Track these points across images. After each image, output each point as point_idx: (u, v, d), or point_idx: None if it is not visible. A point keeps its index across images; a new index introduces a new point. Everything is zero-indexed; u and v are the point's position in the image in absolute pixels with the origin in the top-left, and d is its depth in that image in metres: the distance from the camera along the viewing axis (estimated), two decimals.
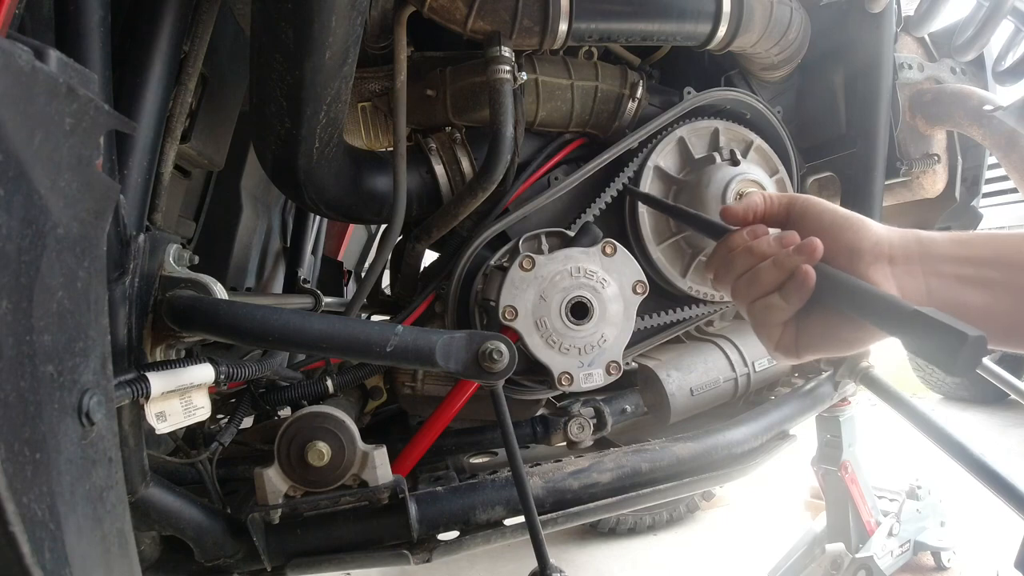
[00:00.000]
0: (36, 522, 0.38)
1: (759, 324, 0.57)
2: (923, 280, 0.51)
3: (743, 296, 0.57)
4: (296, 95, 0.83)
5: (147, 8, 0.79)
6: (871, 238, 0.53)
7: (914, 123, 1.42)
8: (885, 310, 0.46)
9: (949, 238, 0.52)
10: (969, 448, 1.45)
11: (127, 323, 0.75)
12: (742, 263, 0.57)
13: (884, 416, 2.30)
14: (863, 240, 0.53)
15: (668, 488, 1.09)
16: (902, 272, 0.52)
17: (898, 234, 0.53)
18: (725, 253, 0.59)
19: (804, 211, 0.58)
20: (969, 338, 0.40)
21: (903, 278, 0.51)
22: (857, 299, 0.49)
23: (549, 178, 1.26)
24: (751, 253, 0.56)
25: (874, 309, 0.48)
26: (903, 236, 0.53)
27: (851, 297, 0.50)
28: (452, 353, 0.83)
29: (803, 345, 0.55)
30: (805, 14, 1.30)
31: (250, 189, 1.51)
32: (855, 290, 0.50)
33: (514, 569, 2.27)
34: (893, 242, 0.53)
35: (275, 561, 0.92)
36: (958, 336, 0.40)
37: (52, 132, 0.40)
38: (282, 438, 0.88)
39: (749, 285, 0.56)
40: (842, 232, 0.54)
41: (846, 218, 0.55)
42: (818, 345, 0.54)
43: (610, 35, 1.14)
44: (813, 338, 0.54)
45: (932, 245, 0.52)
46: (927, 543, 1.97)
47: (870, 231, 0.53)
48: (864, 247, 0.53)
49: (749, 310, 0.57)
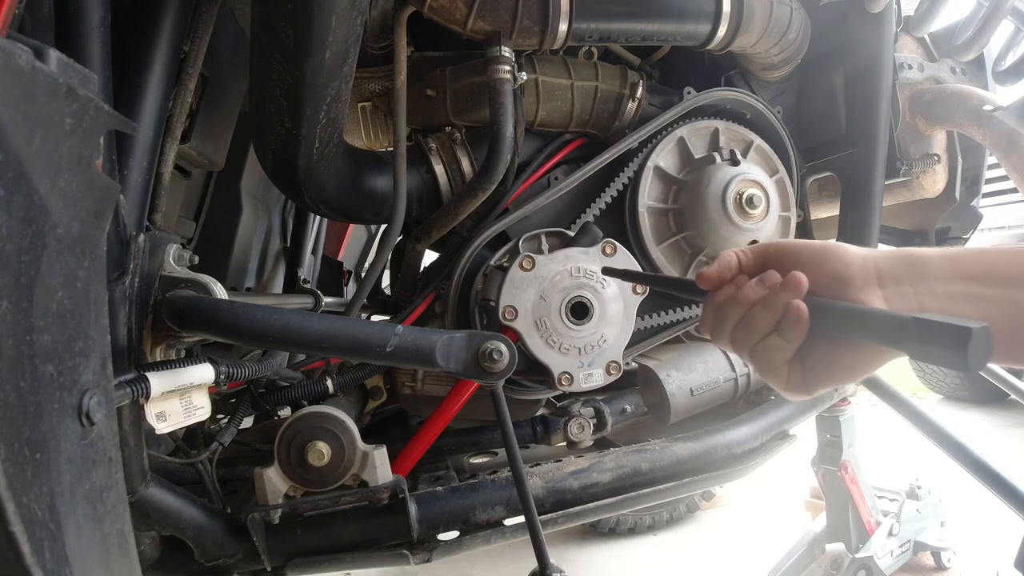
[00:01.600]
0: (36, 522, 0.38)
1: (764, 368, 0.56)
2: (915, 300, 0.50)
3: (742, 344, 0.57)
4: (296, 95, 0.83)
5: (147, 8, 0.79)
6: (856, 263, 0.52)
7: (914, 123, 1.42)
8: (883, 325, 0.46)
9: (939, 255, 0.51)
10: (969, 448, 1.46)
11: (127, 323, 0.75)
12: (733, 314, 0.57)
13: (884, 416, 2.30)
14: (848, 267, 0.52)
15: (668, 488, 1.09)
16: (893, 294, 0.51)
17: (884, 255, 0.53)
18: (714, 310, 0.59)
19: (779, 254, 0.57)
20: (973, 331, 0.39)
21: (895, 300, 0.51)
22: (853, 322, 0.49)
23: (549, 178, 1.26)
24: (739, 302, 0.56)
25: (872, 327, 0.47)
26: (889, 257, 0.52)
27: (847, 321, 0.49)
28: (452, 353, 0.83)
29: (812, 380, 0.54)
30: (805, 14, 1.30)
31: (250, 189, 1.51)
32: (849, 313, 0.49)
33: (514, 569, 2.27)
34: (880, 264, 0.52)
35: (275, 561, 0.92)
36: (962, 332, 0.40)
37: (52, 132, 0.40)
38: (282, 438, 0.88)
39: (746, 332, 0.56)
40: (824, 263, 0.53)
41: (824, 248, 0.55)
42: (826, 377, 0.54)
43: (610, 35, 1.14)
44: (820, 371, 0.54)
45: (921, 264, 0.51)
46: (927, 543, 1.97)
47: (854, 256, 0.53)
48: (851, 273, 0.52)
49: (751, 356, 0.57)
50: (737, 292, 0.56)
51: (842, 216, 1.35)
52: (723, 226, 1.15)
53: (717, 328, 0.59)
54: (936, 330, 0.41)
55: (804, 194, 1.40)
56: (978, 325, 0.40)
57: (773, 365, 0.55)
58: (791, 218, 1.26)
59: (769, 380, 0.57)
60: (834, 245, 0.54)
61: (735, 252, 0.60)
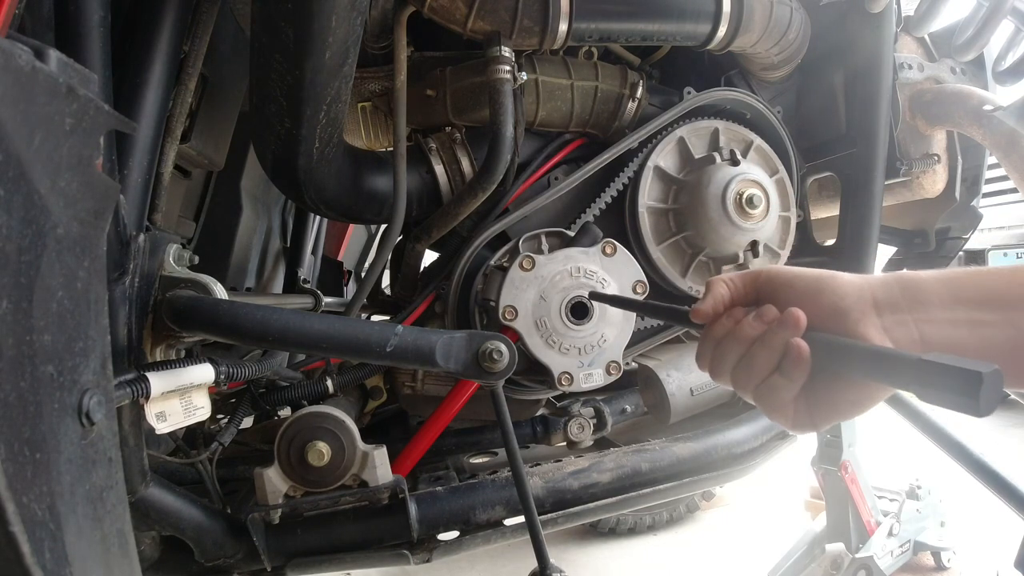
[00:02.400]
0: (36, 522, 0.38)
1: (769, 408, 0.55)
2: (915, 328, 0.49)
3: (744, 384, 0.56)
4: (296, 95, 0.83)
5: (147, 8, 0.79)
6: (852, 294, 0.51)
7: (914, 123, 1.42)
8: (888, 366, 0.44)
9: (936, 280, 0.50)
10: (969, 448, 1.46)
11: (127, 323, 0.75)
12: (732, 352, 0.56)
13: (884, 416, 2.30)
14: (844, 298, 0.51)
15: (668, 488, 1.09)
16: (892, 323, 0.50)
17: (879, 282, 0.52)
18: (712, 347, 0.58)
19: (771, 285, 0.57)
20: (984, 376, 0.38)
21: (895, 330, 0.50)
22: (856, 361, 0.47)
23: (549, 178, 1.26)
24: (737, 340, 0.55)
25: (876, 367, 0.45)
26: (885, 284, 0.51)
27: (850, 360, 0.48)
28: (452, 353, 0.83)
29: (818, 417, 0.53)
30: (805, 14, 1.30)
31: (250, 189, 1.51)
32: (852, 352, 0.48)
33: (514, 569, 2.27)
34: (876, 293, 0.51)
35: (275, 561, 0.92)
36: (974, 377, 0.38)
37: (52, 132, 0.40)
38: (282, 438, 0.88)
39: (747, 373, 0.55)
40: (820, 295, 0.52)
41: (817, 279, 0.54)
42: (832, 412, 0.53)
43: (610, 35, 1.13)
44: (824, 407, 0.53)
45: (919, 291, 0.50)
46: (927, 543, 1.97)
47: (849, 286, 0.52)
48: (848, 304, 0.51)
49: (755, 396, 0.56)
50: (735, 328, 0.55)
51: (842, 216, 1.35)
52: (723, 226, 1.15)
53: (716, 367, 0.58)
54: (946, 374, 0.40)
55: (804, 194, 1.40)
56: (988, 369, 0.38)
57: (778, 405, 0.54)
58: (791, 218, 1.26)
59: (775, 419, 0.56)
60: (828, 275, 0.54)
61: (724, 281, 0.59)
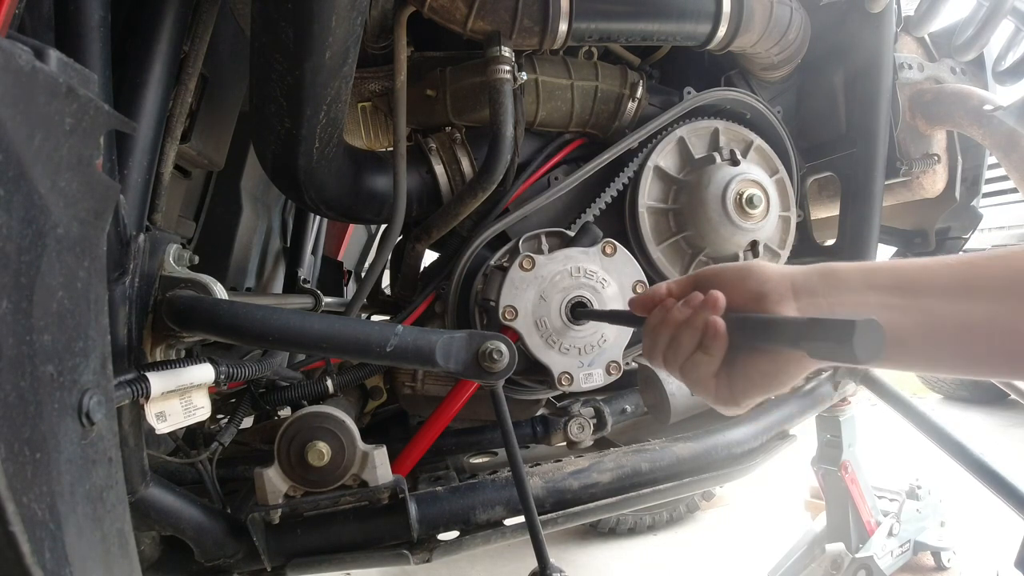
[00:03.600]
0: (36, 522, 0.38)
1: (693, 382, 0.60)
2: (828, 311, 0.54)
3: (672, 362, 0.61)
4: (296, 95, 0.83)
5: (147, 8, 0.79)
6: (773, 279, 0.56)
7: (914, 123, 1.42)
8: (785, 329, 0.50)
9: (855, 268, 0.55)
10: (969, 448, 1.46)
11: (127, 323, 0.75)
12: (663, 335, 0.61)
13: (884, 416, 2.30)
14: (765, 283, 0.56)
15: (668, 488, 1.09)
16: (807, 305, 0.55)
17: (800, 271, 0.57)
18: (649, 335, 0.63)
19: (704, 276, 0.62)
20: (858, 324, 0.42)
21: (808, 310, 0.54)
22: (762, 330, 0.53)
23: (549, 178, 1.26)
24: (667, 324, 0.61)
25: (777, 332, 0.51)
26: (805, 272, 0.56)
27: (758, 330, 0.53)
28: (452, 353, 0.83)
29: (738, 391, 0.58)
30: (805, 14, 1.30)
31: (250, 189, 1.51)
32: (760, 323, 0.54)
33: (514, 569, 2.27)
34: (796, 279, 0.56)
35: (275, 561, 0.92)
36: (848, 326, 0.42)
37: (52, 132, 0.40)
38: (282, 438, 0.88)
39: (674, 351, 0.60)
40: (744, 281, 0.58)
41: (744, 267, 0.59)
42: (750, 387, 0.57)
43: (610, 35, 1.14)
44: (743, 381, 0.57)
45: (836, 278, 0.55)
46: (927, 543, 1.97)
47: (771, 273, 0.57)
48: (768, 288, 0.56)
49: (681, 373, 0.61)
50: (665, 315, 0.61)
51: (842, 216, 1.36)
52: (723, 226, 1.15)
53: (651, 351, 0.64)
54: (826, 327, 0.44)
55: (804, 194, 1.40)
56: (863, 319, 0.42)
57: (701, 379, 0.59)
58: (791, 218, 1.26)
59: (700, 394, 0.61)
60: (755, 264, 0.59)
61: (665, 284, 0.66)
